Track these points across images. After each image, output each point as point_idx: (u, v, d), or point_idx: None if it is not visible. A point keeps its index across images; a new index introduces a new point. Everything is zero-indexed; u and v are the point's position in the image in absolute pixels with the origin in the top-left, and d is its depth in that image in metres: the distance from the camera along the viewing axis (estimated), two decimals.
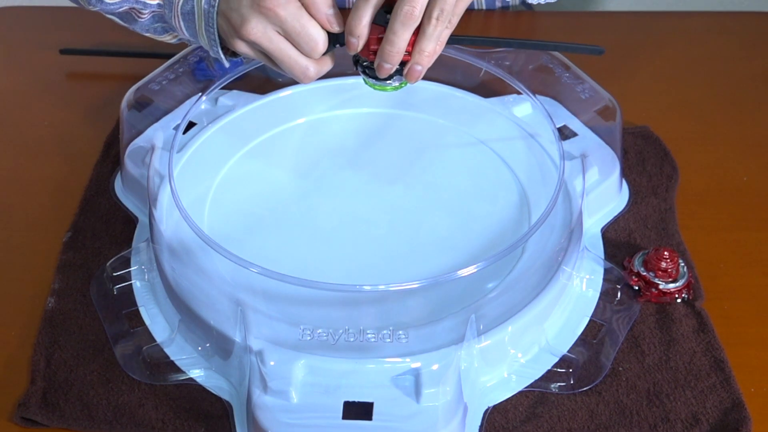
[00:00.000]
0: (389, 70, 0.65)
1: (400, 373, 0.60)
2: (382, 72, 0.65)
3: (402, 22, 0.62)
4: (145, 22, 0.77)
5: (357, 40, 0.64)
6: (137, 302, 0.70)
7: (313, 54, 0.66)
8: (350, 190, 0.76)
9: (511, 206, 0.74)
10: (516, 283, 0.67)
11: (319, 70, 0.67)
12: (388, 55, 0.64)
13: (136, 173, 0.78)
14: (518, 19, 1.11)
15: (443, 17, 0.63)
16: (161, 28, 0.77)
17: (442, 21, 0.63)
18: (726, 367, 0.65)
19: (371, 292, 0.63)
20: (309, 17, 0.65)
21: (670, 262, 0.70)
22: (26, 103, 0.96)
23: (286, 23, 0.64)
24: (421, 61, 0.65)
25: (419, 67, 0.65)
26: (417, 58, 0.65)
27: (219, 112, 0.84)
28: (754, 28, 1.08)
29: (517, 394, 0.64)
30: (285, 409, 0.58)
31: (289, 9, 0.64)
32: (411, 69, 0.65)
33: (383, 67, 0.65)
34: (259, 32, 0.65)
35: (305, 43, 0.65)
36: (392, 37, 0.63)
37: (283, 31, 0.65)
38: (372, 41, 0.65)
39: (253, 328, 0.62)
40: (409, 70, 0.65)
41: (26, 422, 0.63)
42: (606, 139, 0.80)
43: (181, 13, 0.71)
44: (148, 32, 0.79)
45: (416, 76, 0.66)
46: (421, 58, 0.65)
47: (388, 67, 0.65)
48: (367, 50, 0.65)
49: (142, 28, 0.78)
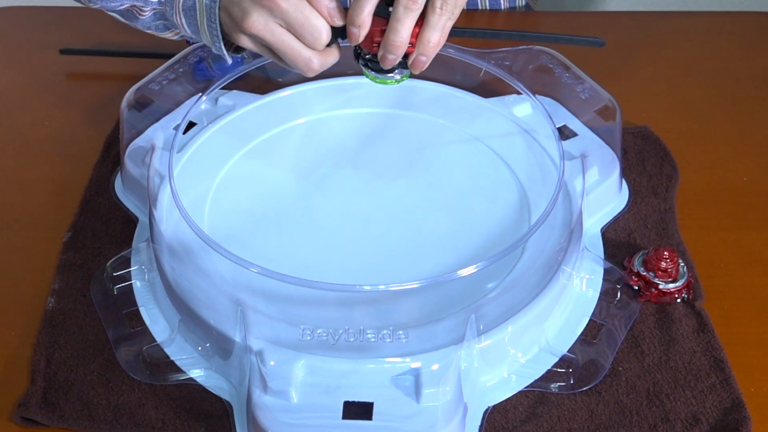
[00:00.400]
0: (393, 61, 0.65)
1: (400, 373, 0.60)
2: (386, 63, 0.65)
3: (405, 7, 0.62)
4: (147, 19, 0.76)
5: (358, 30, 0.64)
6: (137, 302, 0.70)
7: (316, 45, 0.65)
8: (350, 190, 0.77)
9: (511, 206, 0.74)
10: (516, 283, 0.67)
11: (323, 62, 0.67)
12: (392, 46, 0.63)
13: (136, 173, 0.78)
14: (518, 19, 1.11)
15: (447, 7, 0.63)
16: (162, 25, 0.77)
17: (446, 11, 0.63)
18: (726, 367, 0.65)
19: (371, 292, 0.63)
20: (311, 8, 0.64)
21: (670, 262, 0.70)
22: (26, 103, 0.96)
23: (288, 14, 0.64)
24: (426, 51, 0.65)
25: (424, 58, 0.65)
26: (422, 48, 0.64)
27: (219, 112, 0.84)
28: (754, 28, 1.08)
29: (517, 394, 0.64)
30: (285, 409, 0.58)
31: (290, 0, 0.64)
32: (416, 60, 0.65)
33: (387, 58, 0.64)
34: (261, 25, 0.65)
35: (308, 33, 0.65)
36: (396, 25, 0.63)
37: (286, 22, 0.65)
38: (374, 33, 0.64)
39: (253, 328, 0.62)
40: (414, 61, 0.65)
41: (26, 422, 0.63)
42: (606, 139, 0.80)
43: (183, 9, 0.70)
44: (149, 29, 0.78)
45: (421, 67, 0.66)
46: (426, 48, 0.64)
47: (392, 57, 0.64)
48: (370, 42, 0.65)
49: (143, 25, 0.77)
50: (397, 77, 0.68)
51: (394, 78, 0.68)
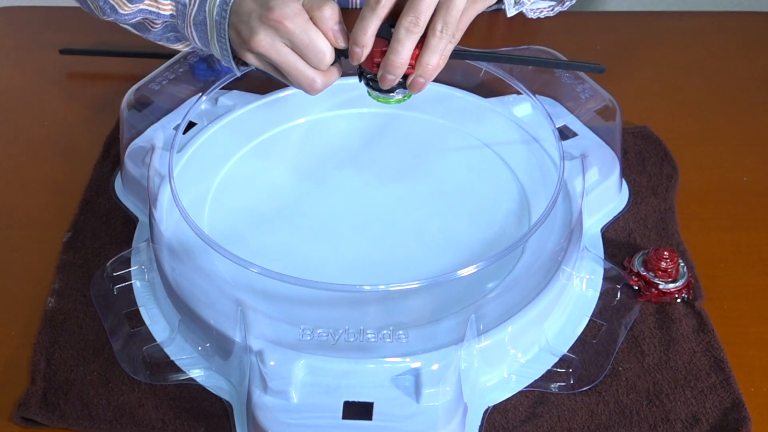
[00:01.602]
0: (392, 81, 0.65)
1: (400, 373, 0.60)
2: (385, 83, 0.66)
3: (406, 30, 0.63)
4: (158, 31, 0.78)
5: (361, 50, 0.65)
6: (137, 302, 0.70)
7: (320, 65, 0.67)
8: (350, 190, 0.77)
9: (511, 206, 0.74)
10: (516, 283, 0.67)
11: (326, 81, 0.68)
12: (391, 66, 0.64)
13: (136, 173, 0.78)
14: (519, 19, 1.10)
15: (447, 30, 0.64)
16: (174, 37, 0.78)
17: (446, 34, 0.64)
18: (726, 367, 0.65)
19: (371, 292, 0.63)
20: (316, 30, 0.65)
21: (669, 262, 0.70)
22: (26, 103, 0.96)
23: (294, 36, 0.65)
24: (425, 74, 0.65)
25: (422, 80, 0.66)
26: (420, 70, 0.65)
27: (219, 112, 0.84)
28: (754, 28, 1.08)
29: (517, 394, 0.64)
30: (285, 409, 0.58)
31: (297, 22, 0.65)
32: (414, 81, 0.66)
33: (386, 78, 0.65)
34: (267, 44, 0.66)
35: (313, 55, 0.66)
36: (396, 46, 0.63)
37: (291, 43, 0.66)
38: (375, 53, 0.65)
39: (253, 328, 0.62)
40: (413, 82, 0.66)
41: (26, 422, 0.63)
42: (606, 139, 0.80)
43: (194, 24, 0.71)
44: (161, 41, 0.80)
45: (419, 88, 0.66)
46: (425, 71, 0.65)
47: (391, 78, 0.65)
48: (371, 62, 0.66)
49: (155, 37, 0.79)
50: (398, 97, 0.69)
51: (395, 97, 0.69)
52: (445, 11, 0.63)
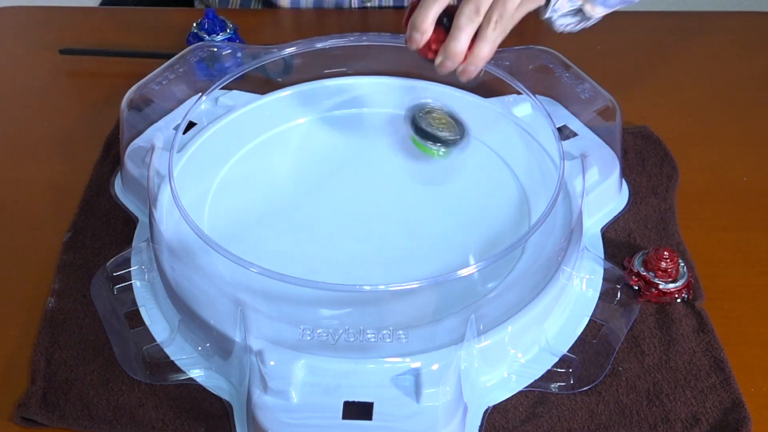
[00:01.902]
0: (450, 68, 0.69)
1: (400, 373, 0.60)
2: (444, 69, 0.69)
3: (468, 17, 0.67)
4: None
5: (421, 36, 0.68)
6: (137, 302, 0.70)
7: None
8: (350, 190, 0.77)
9: (511, 206, 0.74)
10: (516, 283, 0.67)
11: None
12: (451, 52, 0.68)
13: (136, 173, 0.78)
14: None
15: (502, 22, 0.67)
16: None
17: (501, 26, 0.68)
18: (726, 367, 0.65)
19: (371, 292, 0.63)
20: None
21: (669, 262, 0.70)
22: (26, 103, 0.96)
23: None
24: (477, 62, 0.69)
25: (473, 68, 0.70)
26: (472, 59, 0.69)
27: (219, 112, 0.84)
28: (754, 28, 1.08)
29: (517, 394, 0.64)
30: (285, 409, 0.58)
31: None
32: (465, 69, 0.70)
33: (445, 65, 0.69)
34: None
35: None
36: (458, 33, 0.67)
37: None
38: (433, 40, 0.69)
39: (253, 328, 0.62)
40: (464, 70, 0.70)
41: (26, 422, 0.63)
42: (606, 139, 0.80)
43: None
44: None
45: (468, 76, 0.70)
46: (477, 59, 0.69)
47: (450, 64, 0.69)
48: (427, 48, 0.69)
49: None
50: (440, 152, 0.74)
51: (437, 151, 0.73)
52: (502, 4, 0.67)
